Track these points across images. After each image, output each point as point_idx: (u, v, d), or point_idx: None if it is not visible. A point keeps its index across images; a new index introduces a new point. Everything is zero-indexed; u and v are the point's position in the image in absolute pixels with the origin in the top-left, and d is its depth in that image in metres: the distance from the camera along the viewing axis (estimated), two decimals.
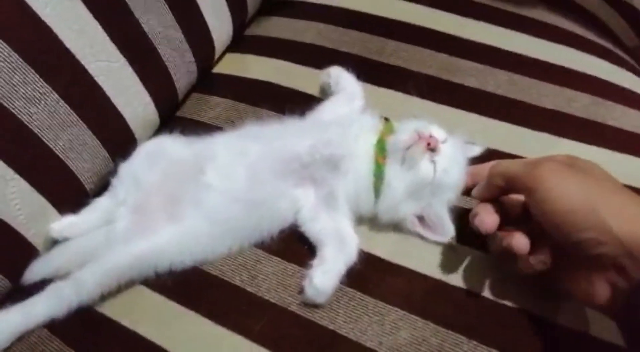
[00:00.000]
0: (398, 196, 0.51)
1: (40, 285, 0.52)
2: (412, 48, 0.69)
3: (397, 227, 0.53)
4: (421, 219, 0.52)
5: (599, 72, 0.66)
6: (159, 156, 0.57)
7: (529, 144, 0.59)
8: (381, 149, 0.52)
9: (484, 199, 0.48)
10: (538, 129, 0.60)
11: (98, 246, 0.54)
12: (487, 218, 0.46)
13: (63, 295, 0.50)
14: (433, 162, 0.50)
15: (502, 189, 0.46)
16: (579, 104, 0.62)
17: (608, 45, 0.73)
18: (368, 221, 0.54)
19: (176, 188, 0.54)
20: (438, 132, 0.52)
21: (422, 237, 0.51)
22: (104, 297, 0.51)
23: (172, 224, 0.52)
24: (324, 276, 0.48)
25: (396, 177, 0.51)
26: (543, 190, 0.41)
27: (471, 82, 0.65)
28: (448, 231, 0.50)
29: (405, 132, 0.52)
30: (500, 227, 0.46)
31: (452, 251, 0.51)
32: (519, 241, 0.43)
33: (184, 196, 0.53)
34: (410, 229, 0.52)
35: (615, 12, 0.76)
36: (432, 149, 0.50)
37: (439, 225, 0.50)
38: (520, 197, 0.47)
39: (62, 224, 0.55)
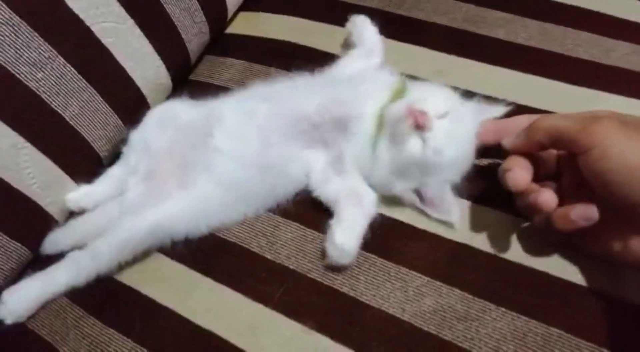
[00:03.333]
0: (386, 170, 0.48)
1: (58, 255, 0.52)
2: None
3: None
4: (421, 195, 0.49)
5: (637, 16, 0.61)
6: (168, 121, 0.55)
7: (565, 99, 0.54)
8: (381, 117, 0.49)
9: (517, 152, 0.45)
10: (574, 83, 0.55)
11: (114, 216, 0.53)
12: (519, 175, 0.43)
13: (81, 265, 0.50)
14: (424, 139, 0.46)
15: (541, 144, 0.43)
16: (619, 53, 0.57)
17: None
18: None
19: (186, 153, 0.52)
20: (437, 106, 0.47)
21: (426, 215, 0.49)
22: (122, 266, 0.51)
23: (184, 190, 0.50)
24: (345, 233, 0.46)
25: (385, 151, 0.48)
26: (604, 147, 0.38)
27: (500, 33, 0.61)
28: (452, 212, 0.47)
29: (399, 104, 0.48)
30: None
31: (477, 213, 0.49)
32: (547, 198, 0.41)
33: (195, 160, 0.51)
34: (409, 205, 0.49)
35: None
36: (419, 126, 0.45)
37: (440, 203, 0.48)
38: (554, 153, 0.44)
39: (78, 194, 0.55)
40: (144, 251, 0.50)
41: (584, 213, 0.40)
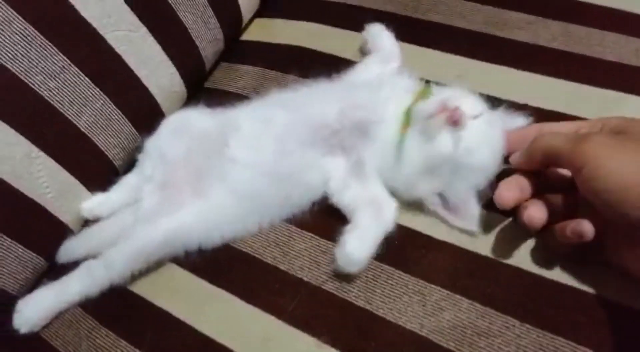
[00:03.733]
0: (414, 169, 0.46)
1: (74, 264, 0.51)
2: (453, 1, 0.63)
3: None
4: (445, 200, 0.47)
5: None
6: (184, 130, 0.54)
7: (593, 103, 0.52)
8: (407, 116, 0.48)
9: (524, 169, 0.45)
10: (602, 86, 0.53)
11: (128, 225, 0.52)
12: (504, 195, 0.43)
13: (95, 274, 0.50)
14: (456, 137, 0.44)
15: (542, 163, 0.43)
16: None
17: None
18: None
19: (202, 162, 0.51)
20: (471, 106, 0.46)
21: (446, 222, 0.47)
22: (136, 276, 0.50)
23: (198, 200, 0.50)
24: (357, 242, 0.45)
25: (414, 149, 0.46)
26: (591, 168, 0.38)
27: (521, 35, 0.59)
28: (472, 218, 0.45)
29: (432, 100, 0.46)
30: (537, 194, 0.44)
31: (499, 224, 0.47)
32: (530, 214, 0.42)
33: (210, 170, 0.51)
34: (431, 210, 0.47)
35: None
36: (454, 122, 0.44)
37: (462, 209, 0.46)
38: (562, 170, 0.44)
39: (92, 202, 0.55)
40: (157, 260, 0.50)
41: (577, 229, 0.39)
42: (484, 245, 0.46)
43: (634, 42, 0.56)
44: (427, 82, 0.52)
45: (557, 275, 0.43)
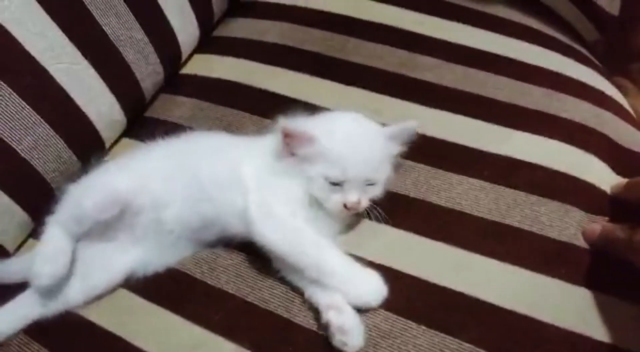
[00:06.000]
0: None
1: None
2: (372, 45, 0.71)
3: None
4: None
5: (553, 65, 0.68)
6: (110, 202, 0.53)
7: (484, 136, 0.60)
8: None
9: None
10: (492, 122, 0.61)
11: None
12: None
13: (49, 306, 0.51)
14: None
15: None
16: (533, 96, 0.64)
17: (564, 39, 0.75)
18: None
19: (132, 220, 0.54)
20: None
21: None
22: None
23: (137, 247, 0.54)
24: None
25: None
26: None
27: (429, 76, 0.67)
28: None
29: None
30: None
31: (399, 239, 0.53)
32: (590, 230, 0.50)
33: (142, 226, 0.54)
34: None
35: (574, 6, 0.78)
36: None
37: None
38: None
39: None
40: None
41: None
42: (388, 258, 0.51)
43: (521, 85, 0.65)
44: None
45: (449, 282, 0.49)
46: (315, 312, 0.48)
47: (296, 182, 0.51)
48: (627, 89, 0.78)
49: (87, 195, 0.53)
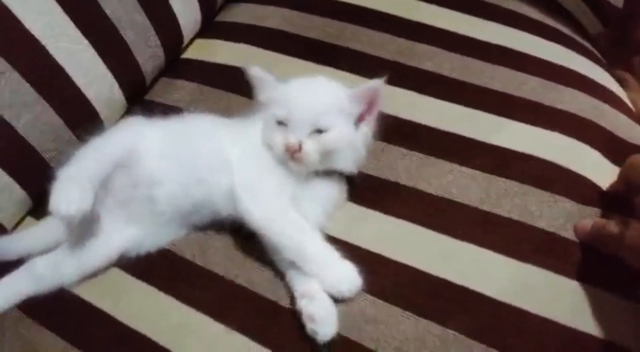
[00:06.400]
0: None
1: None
2: (371, 32, 0.71)
3: None
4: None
5: (553, 57, 0.67)
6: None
7: (479, 125, 0.60)
8: None
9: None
10: (487, 111, 0.61)
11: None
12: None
13: (42, 282, 0.52)
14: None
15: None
16: (529, 86, 0.63)
17: (567, 30, 0.74)
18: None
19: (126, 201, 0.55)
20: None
21: None
22: None
23: (130, 227, 0.54)
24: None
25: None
26: None
27: (427, 65, 0.67)
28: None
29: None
30: None
31: (382, 223, 0.53)
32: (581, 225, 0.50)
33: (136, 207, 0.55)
34: None
35: None
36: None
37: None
38: None
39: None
40: None
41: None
42: (375, 244, 0.52)
43: (519, 75, 0.65)
44: None
45: (436, 270, 0.50)
46: None
47: (280, 166, 0.52)
48: (628, 82, 0.78)
49: (101, 146, 0.54)
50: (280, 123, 0.52)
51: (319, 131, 0.51)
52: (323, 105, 0.52)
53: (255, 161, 0.53)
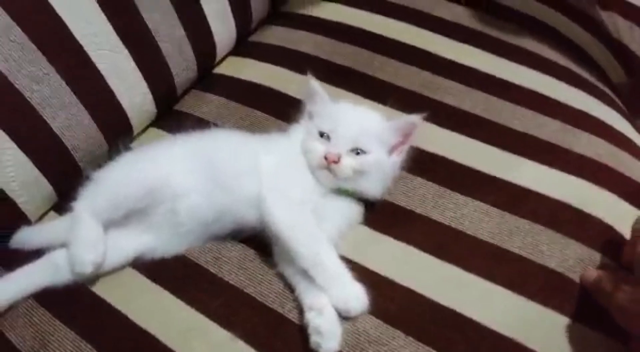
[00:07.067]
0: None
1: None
2: (399, 64, 0.73)
3: None
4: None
5: (574, 101, 0.69)
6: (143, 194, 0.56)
7: (495, 161, 0.61)
8: None
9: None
10: (505, 149, 0.62)
11: None
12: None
13: (60, 272, 0.54)
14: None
15: None
16: (549, 129, 0.64)
17: (590, 78, 0.76)
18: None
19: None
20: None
21: None
22: None
23: (148, 235, 0.56)
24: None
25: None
26: None
27: (449, 100, 0.69)
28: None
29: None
30: None
31: (394, 249, 0.54)
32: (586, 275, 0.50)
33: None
34: None
35: (604, 47, 0.79)
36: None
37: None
38: None
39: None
40: None
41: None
42: (382, 266, 0.53)
43: (539, 117, 0.66)
44: None
45: (442, 298, 0.50)
46: None
47: (309, 178, 0.55)
48: None
49: (122, 186, 0.56)
50: (323, 135, 0.56)
51: (357, 152, 0.54)
52: (366, 128, 0.55)
53: (286, 170, 0.55)
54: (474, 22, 0.80)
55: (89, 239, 0.53)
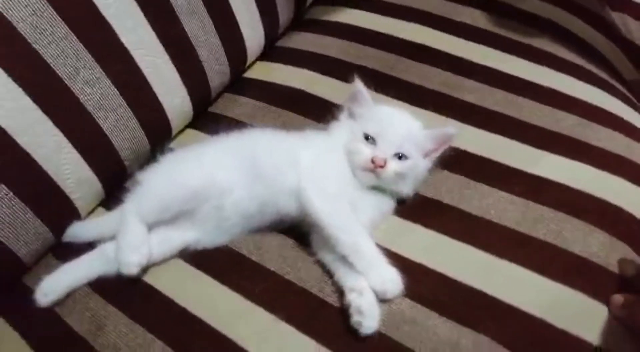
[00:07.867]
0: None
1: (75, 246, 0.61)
2: (421, 65, 0.77)
3: None
4: None
5: (590, 98, 0.72)
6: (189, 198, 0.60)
7: (516, 154, 0.65)
8: None
9: None
10: (526, 143, 0.66)
11: None
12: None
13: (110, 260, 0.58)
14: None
15: None
16: (566, 123, 0.68)
17: (604, 75, 0.79)
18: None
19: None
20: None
21: None
22: None
23: (194, 230, 0.60)
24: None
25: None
26: None
27: (470, 98, 0.72)
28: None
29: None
30: None
31: (424, 236, 0.58)
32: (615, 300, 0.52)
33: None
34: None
35: (616, 46, 0.82)
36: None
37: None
38: None
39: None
40: None
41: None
42: (416, 253, 0.56)
43: (557, 113, 0.69)
44: None
45: (472, 281, 0.54)
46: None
47: (347, 172, 0.58)
48: None
49: (169, 191, 0.60)
50: (368, 138, 0.59)
51: (399, 156, 0.58)
52: (410, 135, 0.59)
53: (324, 163, 0.59)
54: (492, 26, 0.84)
55: (134, 242, 0.57)
